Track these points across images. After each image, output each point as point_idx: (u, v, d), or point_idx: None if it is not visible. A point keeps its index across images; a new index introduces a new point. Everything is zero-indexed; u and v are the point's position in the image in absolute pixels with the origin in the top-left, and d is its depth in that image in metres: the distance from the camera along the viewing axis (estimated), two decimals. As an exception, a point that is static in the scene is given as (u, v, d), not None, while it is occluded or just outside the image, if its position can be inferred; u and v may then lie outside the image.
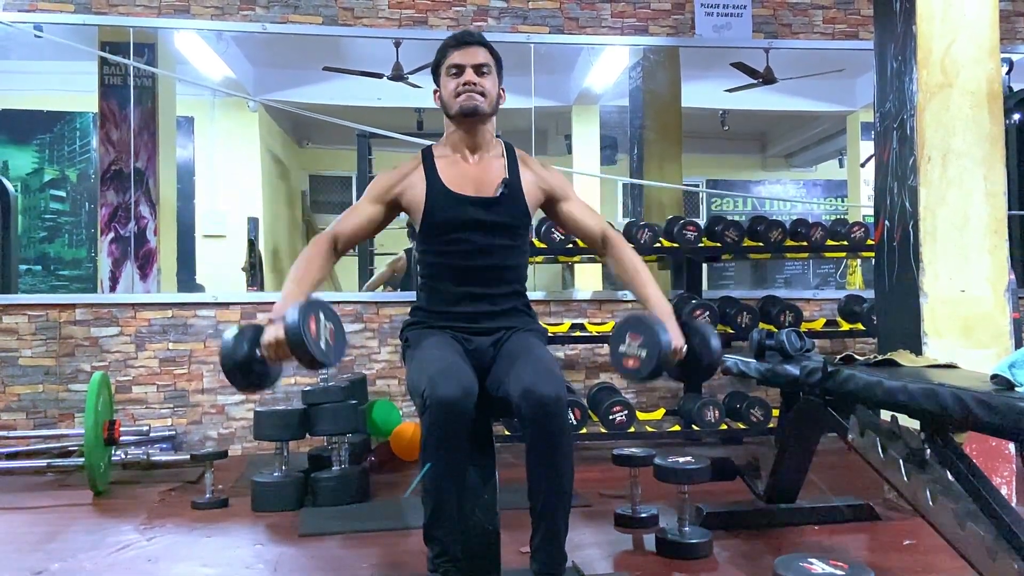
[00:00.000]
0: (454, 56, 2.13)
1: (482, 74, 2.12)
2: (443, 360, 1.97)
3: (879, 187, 3.15)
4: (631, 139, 5.77)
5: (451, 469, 1.89)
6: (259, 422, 3.34)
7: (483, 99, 2.11)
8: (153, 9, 4.46)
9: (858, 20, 4.97)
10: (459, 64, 2.12)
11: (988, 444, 2.71)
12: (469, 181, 2.14)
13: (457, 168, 2.16)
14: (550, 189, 2.21)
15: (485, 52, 2.15)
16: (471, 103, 2.10)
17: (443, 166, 2.16)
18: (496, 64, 2.17)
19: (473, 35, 2.17)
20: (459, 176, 2.15)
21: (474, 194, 2.12)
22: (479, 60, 2.13)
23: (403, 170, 2.18)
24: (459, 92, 2.11)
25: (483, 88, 2.12)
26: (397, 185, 2.16)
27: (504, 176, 2.14)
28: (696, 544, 2.48)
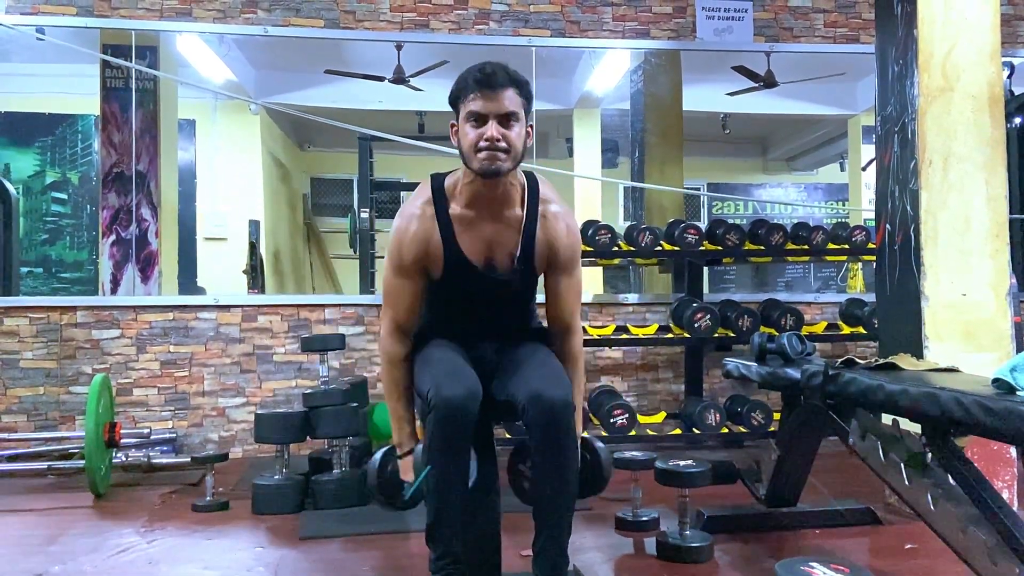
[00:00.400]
0: (476, 102, 1.90)
1: (508, 125, 1.91)
2: (448, 362, 1.97)
3: (880, 191, 3.15)
4: (632, 142, 5.77)
5: (454, 471, 1.89)
6: (260, 425, 3.34)
7: (507, 156, 1.91)
8: (155, 12, 4.47)
9: (859, 24, 4.97)
10: (481, 113, 1.90)
11: (989, 448, 2.70)
12: (484, 244, 2.01)
13: (474, 231, 2.00)
14: (556, 261, 2.05)
15: (513, 95, 1.91)
16: (493, 166, 1.90)
17: (459, 226, 2.00)
18: (525, 103, 1.95)
19: (498, 74, 1.90)
20: (475, 240, 2.00)
21: (486, 261, 2.02)
22: (505, 109, 1.90)
23: (418, 231, 2.00)
24: (480, 148, 1.90)
25: (508, 143, 1.90)
26: (419, 253, 2.01)
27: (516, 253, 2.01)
28: (697, 548, 2.48)
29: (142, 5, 4.46)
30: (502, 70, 1.92)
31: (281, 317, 4.42)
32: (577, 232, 2.12)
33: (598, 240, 4.12)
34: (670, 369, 4.64)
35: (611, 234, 4.15)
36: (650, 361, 4.64)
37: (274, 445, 3.34)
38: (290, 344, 4.39)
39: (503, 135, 1.90)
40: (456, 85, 1.96)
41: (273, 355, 4.39)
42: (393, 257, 2.04)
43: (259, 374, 4.37)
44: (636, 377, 4.63)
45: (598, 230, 4.14)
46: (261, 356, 4.38)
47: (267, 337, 4.39)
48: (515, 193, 2.02)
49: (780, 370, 2.51)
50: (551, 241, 2.03)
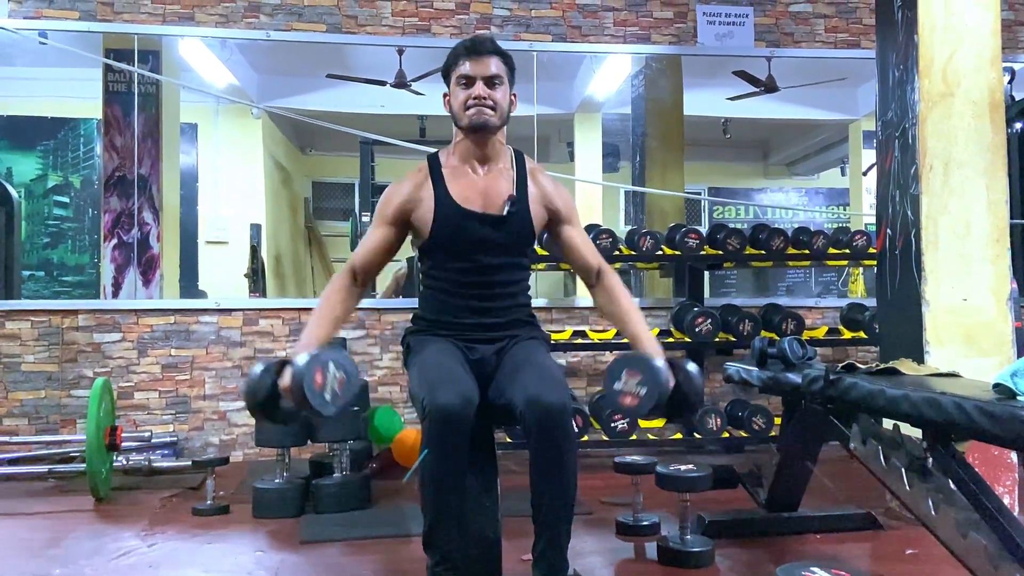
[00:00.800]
0: (465, 66, 2.09)
1: (493, 86, 2.08)
2: (443, 367, 1.97)
3: (881, 196, 3.15)
4: (633, 147, 5.78)
5: (451, 476, 1.89)
6: (261, 428, 3.34)
7: (493, 113, 2.08)
8: (158, 17, 4.48)
9: (860, 29, 4.98)
10: (470, 75, 2.08)
11: (990, 453, 2.70)
12: (477, 194, 2.11)
13: (466, 180, 2.13)
14: (556, 210, 2.17)
15: (498, 61, 2.10)
16: (481, 118, 2.07)
17: (451, 178, 2.13)
18: (509, 72, 2.13)
19: (485, 44, 2.11)
20: (467, 189, 2.11)
21: (482, 210, 2.09)
22: (491, 71, 2.08)
23: (409, 184, 2.14)
24: (469, 105, 2.07)
25: (494, 101, 2.08)
26: (406, 202, 2.12)
27: (512, 193, 2.12)
28: (698, 552, 2.48)
29: (145, 9, 4.47)
30: (488, 40, 2.13)
31: (282, 321, 4.42)
32: (567, 192, 2.24)
33: (599, 244, 4.11)
34: (671, 373, 4.63)
35: (612, 238, 4.16)
36: (651, 365, 4.63)
37: (275, 449, 3.34)
38: (291, 347, 4.38)
39: (489, 94, 2.08)
40: (448, 56, 2.15)
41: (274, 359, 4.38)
42: (379, 207, 2.17)
43: (260, 378, 4.37)
44: (637, 381, 4.62)
45: (599, 234, 4.14)
46: (262, 360, 4.37)
47: (268, 341, 4.40)
48: (504, 153, 2.19)
49: (781, 375, 2.51)
50: (543, 192, 2.17)
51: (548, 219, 2.18)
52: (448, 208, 2.09)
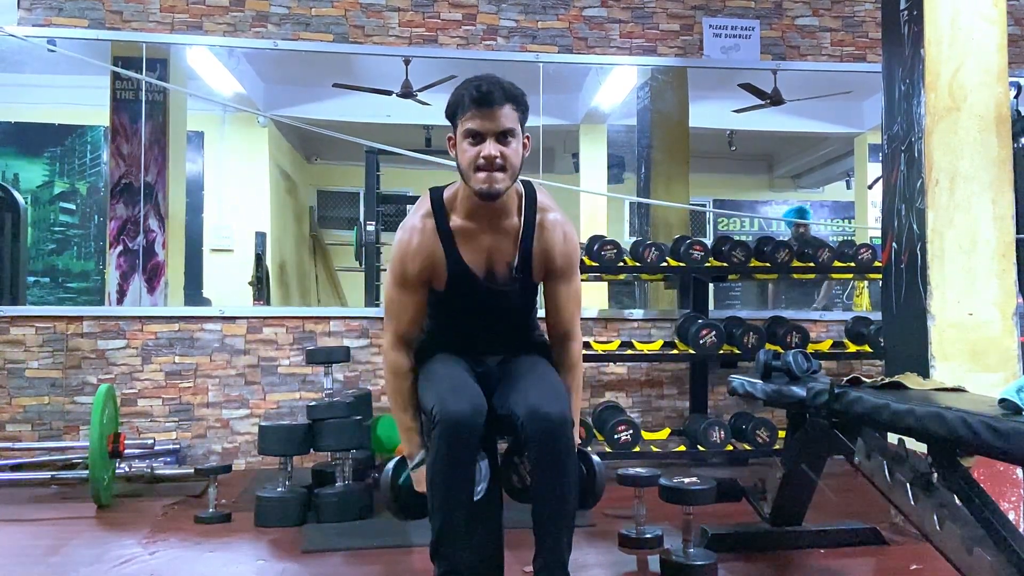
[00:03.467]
0: (474, 119, 1.91)
1: (506, 142, 1.93)
2: (453, 377, 1.98)
3: (887, 209, 3.15)
4: (638, 158, 5.78)
5: (460, 485, 1.89)
6: (263, 437, 3.33)
7: (504, 175, 1.93)
8: (166, 25, 4.51)
9: (866, 43, 4.99)
10: (479, 132, 1.91)
11: (996, 469, 2.69)
12: (483, 253, 2.04)
13: (474, 242, 2.03)
14: (553, 268, 2.08)
15: (509, 111, 1.92)
16: (491, 188, 1.93)
17: (460, 240, 2.03)
18: (522, 116, 1.97)
19: (494, 91, 1.90)
20: (476, 251, 2.03)
21: (486, 269, 2.05)
22: (501, 127, 1.91)
23: (421, 246, 2.03)
24: (479, 167, 1.92)
25: (504, 160, 1.92)
26: (422, 267, 2.04)
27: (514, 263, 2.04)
28: (701, 566, 2.46)
29: (153, 18, 4.50)
30: (498, 87, 1.92)
31: (286, 329, 4.42)
32: (575, 240, 2.13)
33: (603, 255, 4.12)
34: (675, 385, 4.63)
35: (617, 249, 4.15)
36: (655, 377, 4.63)
37: (277, 457, 3.33)
38: (295, 356, 4.39)
39: (500, 152, 1.92)
40: (452, 100, 1.98)
41: (278, 367, 4.39)
42: (395, 270, 2.06)
43: (263, 386, 4.38)
44: (640, 393, 4.62)
45: (603, 245, 4.14)
46: (265, 368, 4.38)
47: (272, 349, 4.40)
48: (512, 203, 2.05)
49: (785, 388, 2.50)
50: (547, 249, 2.06)
51: (546, 272, 2.09)
52: (459, 274, 2.03)
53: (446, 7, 4.71)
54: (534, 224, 2.05)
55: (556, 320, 2.12)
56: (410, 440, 2.07)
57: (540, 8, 4.78)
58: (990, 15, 2.87)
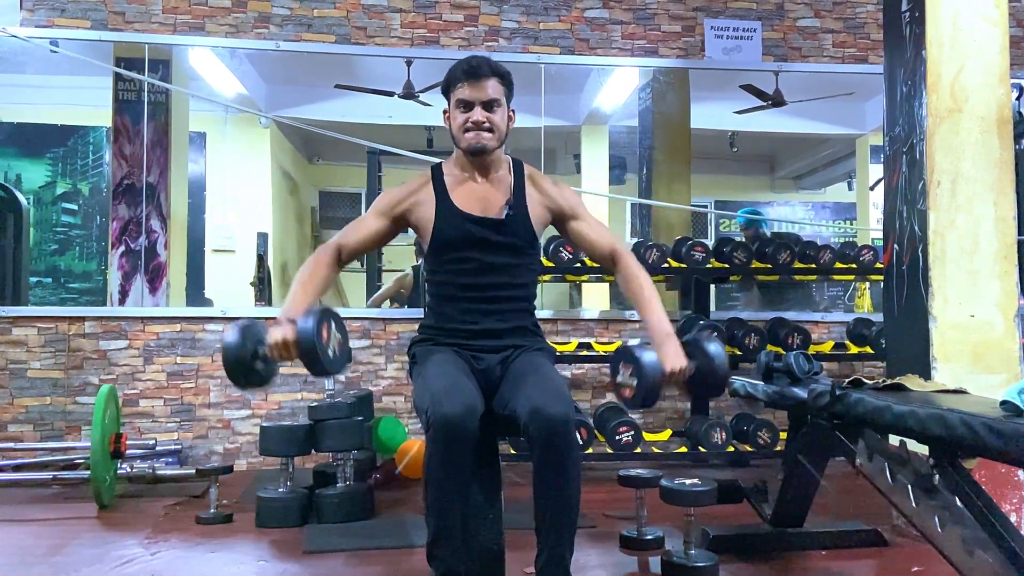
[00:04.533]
0: (463, 90, 2.14)
1: (492, 109, 2.14)
2: (448, 378, 1.98)
3: (888, 210, 3.15)
4: (640, 159, 5.78)
5: (454, 487, 1.89)
6: (265, 437, 3.34)
7: (491, 135, 2.14)
8: (168, 26, 4.51)
9: (867, 44, 4.99)
10: (468, 100, 2.13)
11: (997, 471, 2.68)
12: (476, 200, 2.18)
13: (465, 187, 2.20)
14: (558, 208, 2.23)
15: (495, 84, 2.15)
16: (479, 143, 2.14)
17: (452, 184, 2.20)
18: (507, 91, 2.19)
19: (482, 66, 2.15)
20: (467, 195, 2.18)
21: (480, 214, 2.15)
22: (488, 96, 2.14)
23: (412, 186, 2.22)
24: (467, 129, 2.14)
25: (491, 124, 2.14)
26: (405, 201, 2.20)
27: (509, 198, 2.17)
28: (702, 568, 2.46)
29: (155, 19, 4.51)
30: (486, 62, 2.16)
31: (288, 330, 4.41)
32: (568, 187, 2.30)
33: (605, 257, 4.11)
34: (676, 387, 4.62)
35: (618, 251, 4.15)
36: (656, 378, 4.62)
37: (279, 458, 3.33)
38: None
39: (487, 118, 2.13)
40: (446, 76, 2.19)
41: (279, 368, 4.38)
42: (376, 201, 2.25)
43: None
44: (642, 394, 4.61)
45: (605, 247, 4.14)
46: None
47: (273, 350, 4.39)
48: (502, 164, 2.24)
49: (787, 389, 2.50)
50: (544, 199, 2.22)
51: (552, 218, 2.24)
52: (449, 210, 2.16)
53: (448, 8, 4.72)
54: (524, 178, 2.24)
55: (599, 249, 2.25)
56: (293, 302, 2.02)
57: (542, 9, 4.79)
58: (992, 16, 2.87)
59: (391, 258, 6.44)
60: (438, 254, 2.18)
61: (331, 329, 1.94)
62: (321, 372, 1.95)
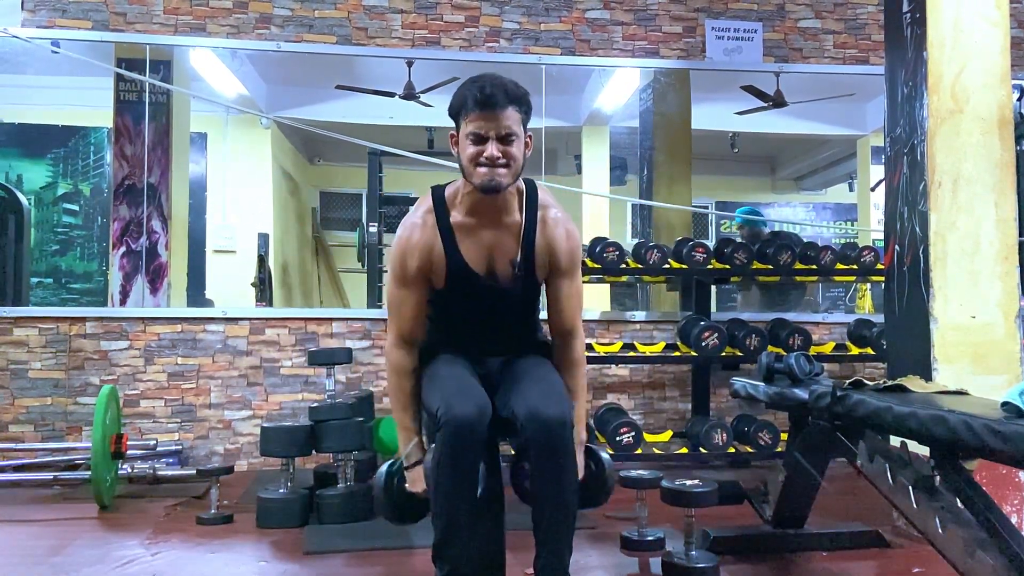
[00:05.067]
0: (477, 121, 1.92)
1: (508, 143, 1.93)
2: (457, 379, 1.98)
3: (889, 212, 3.15)
4: (641, 160, 5.78)
5: (463, 488, 1.89)
6: (266, 438, 3.33)
7: (506, 171, 1.93)
8: (169, 27, 4.51)
9: (868, 45, 4.99)
10: (481, 134, 1.92)
11: (998, 472, 2.68)
12: (485, 251, 2.03)
13: (475, 238, 2.03)
14: (557, 265, 2.07)
15: (512, 113, 1.93)
16: (493, 180, 1.92)
17: (460, 231, 2.03)
18: (525, 117, 1.97)
19: (497, 95, 1.91)
20: (477, 247, 2.03)
21: (489, 271, 2.04)
22: (504, 129, 1.92)
23: (421, 240, 2.03)
24: (481, 163, 1.92)
25: (508, 158, 1.93)
26: (422, 262, 2.03)
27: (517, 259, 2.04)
28: (703, 569, 2.46)
29: (157, 20, 4.51)
30: (501, 90, 1.92)
31: (288, 330, 4.43)
32: (577, 237, 2.13)
33: (606, 257, 4.12)
34: (677, 387, 4.63)
35: (619, 251, 4.16)
36: (657, 379, 4.63)
37: (279, 458, 3.33)
38: (297, 357, 4.39)
39: (503, 152, 1.92)
40: (456, 99, 1.99)
41: (280, 368, 4.39)
42: (396, 267, 2.07)
43: (266, 387, 4.38)
44: (643, 395, 4.62)
45: (606, 247, 4.14)
46: (268, 369, 4.38)
47: (274, 350, 4.40)
48: (514, 200, 2.05)
49: (788, 390, 2.50)
50: (550, 245, 2.06)
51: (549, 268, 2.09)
52: (458, 267, 2.03)
53: (449, 9, 4.72)
54: (536, 221, 2.05)
55: (559, 318, 2.12)
56: (407, 440, 2.07)
57: (543, 10, 4.79)
58: (993, 17, 2.87)
59: (390, 255, 6.44)
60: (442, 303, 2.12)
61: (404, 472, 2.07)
62: None
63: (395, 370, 2.08)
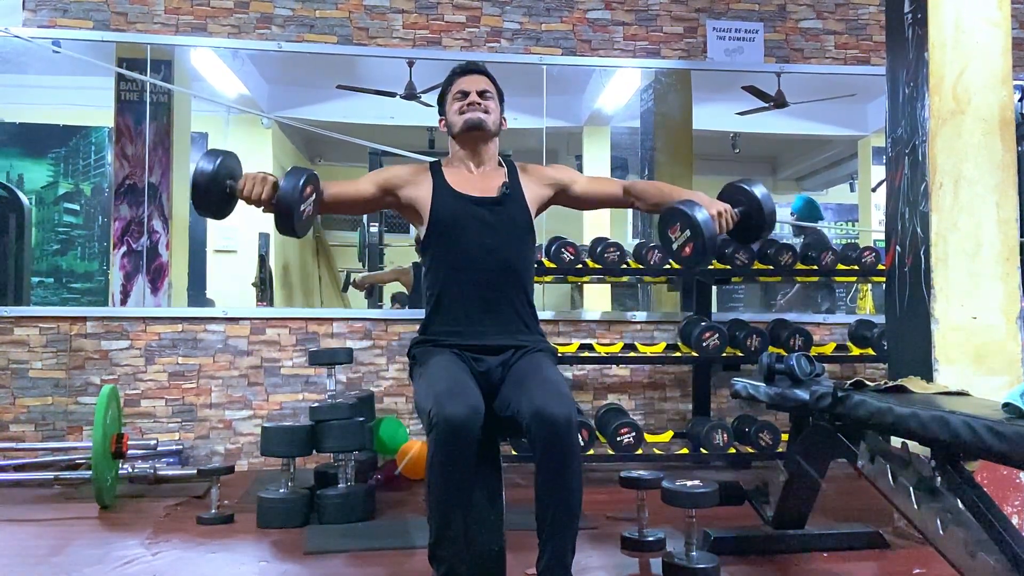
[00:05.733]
0: (460, 82, 2.31)
1: (486, 98, 2.29)
2: (450, 379, 1.98)
3: (890, 212, 3.15)
4: (642, 160, 5.78)
5: (456, 488, 1.89)
6: (266, 438, 3.34)
7: (487, 115, 2.27)
8: (170, 27, 4.52)
9: (870, 46, 4.99)
10: (464, 89, 2.29)
11: (999, 473, 2.68)
12: (473, 186, 2.28)
13: (461, 175, 2.31)
14: (555, 181, 2.37)
15: (488, 81, 2.33)
16: (476, 116, 2.25)
17: (449, 174, 2.31)
18: (499, 95, 2.35)
19: (478, 65, 2.36)
20: (463, 181, 2.29)
21: (477, 197, 2.25)
22: (483, 87, 2.30)
23: (410, 168, 2.34)
24: (464, 110, 2.27)
25: (487, 106, 2.28)
26: (401, 177, 2.30)
27: (505, 180, 2.28)
28: (703, 569, 2.46)
29: (158, 20, 4.51)
30: (480, 65, 2.37)
31: (289, 330, 4.43)
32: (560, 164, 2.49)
33: (606, 257, 4.12)
34: (678, 388, 4.63)
35: (620, 252, 4.15)
36: (658, 380, 4.63)
37: (280, 458, 3.34)
38: (298, 357, 4.39)
39: (483, 102, 2.27)
40: (443, 82, 2.36)
41: (280, 368, 4.39)
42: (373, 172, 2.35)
43: (266, 387, 4.38)
44: (643, 395, 4.62)
45: (607, 247, 4.14)
46: (269, 369, 4.39)
47: (275, 350, 4.40)
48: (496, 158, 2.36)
49: (788, 391, 2.50)
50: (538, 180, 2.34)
51: (554, 193, 2.35)
52: (445, 192, 2.25)
53: (450, 9, 4.72)
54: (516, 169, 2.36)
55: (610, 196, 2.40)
56: None
57: (543, 10, 4.79)
58: (994, 18, 2.87)
59: (392, 258, 6.45)
60: (436, 236, 2.23)
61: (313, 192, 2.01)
62: (288, 228, 1.99)
63: None
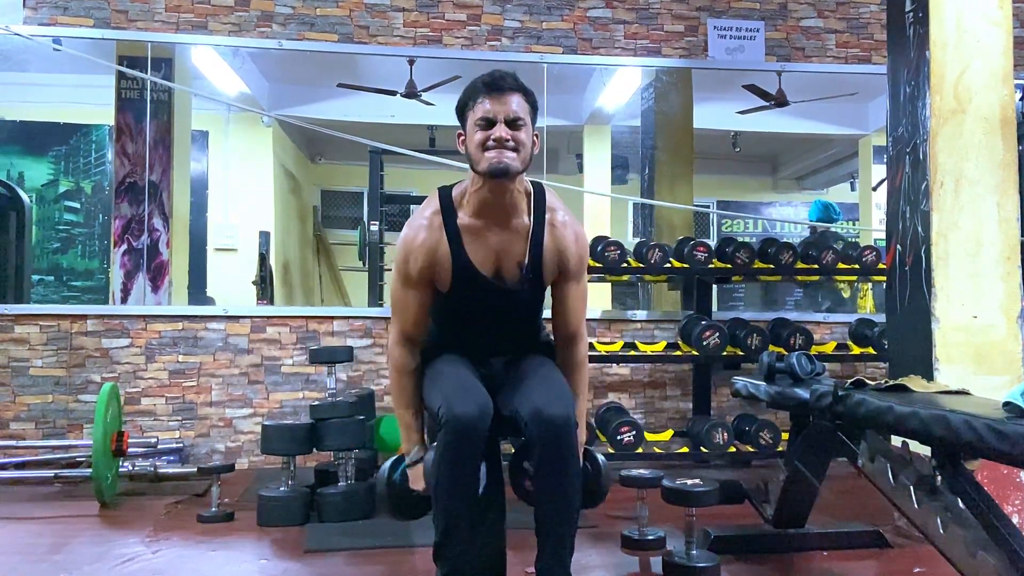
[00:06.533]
0: (484, 105, 1.91)
1: (516, 127, 1.91)
2: (459, 378, 1.98)
3: (891, 211, 3.14)
4: (642, 159, 5.78)
5: (464, 487, 1.89)
6: (266, 436, 3.33)
7: (515, 155, 1.90)
8: (171, 25, 4.51)
9: (871, 45, 4.98)
10: (489, 118, 1.90)
11: (1000, 472, 2.68)
12: (492, 255, 2.01)
13: (482, 240, 2.00)
14: (566, 268, 2.05)
15: (520, 100, 1.93)
16: (502, 164, 1.88)
17: (468, 238, 2.00)
18: (532, 111, 1.97)
19: (506, 79, 1.93)
20: (483, 249, 2.00)
21: (496, 274, 2.02)
22: (513, 113, 1.91)
23: (427, 242, 1.99)
24: (489, 147, 1.90)
25: (516, 142, 1.91)
26: (427, 264, 2.00)
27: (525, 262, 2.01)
28: (703, 568, 2.46)
29: (158, 18, 4.51)
30: (511, 76, 1.95)
31: (290, 329, 4.43)
32: (585, 241, 2.13)
33: (607, 256, 4.12)
34: (678, 387, 4.63)
35: (620, 250, 4.15)
36: (658, 378, 4.63)
37: (280, 457, 3.33)
38: (298, 356, 4.39)
39: (512, 135, 1.90)
40: (464, 93, 1.98)
41: (281, 366, 4.39)
42: (400, 267, 2.04)
43: (267, 385, 4.38)
44: (644, 394, 4.62)
45: (607, 246, 4.14)
46: (269, 367, 4.38)
47: (275, 348, 4.40)
48: (522, 202, 2.02)
49: (789, 390, 2.50)
50: (560, 250, 2.03)
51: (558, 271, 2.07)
52: (465, 271, 2.00)
53: (450, 8, 4.71)
54: (544, 223, 2.02)
55: (564, 321, 2.11)
56: (409, 438, 2.07)
57: (544, 9, 4.78)
58: (996, 17, 2.87)
59: (393, 257, 6.44)
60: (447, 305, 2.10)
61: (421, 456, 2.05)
62: None
63: (397, 368, 2.08)
